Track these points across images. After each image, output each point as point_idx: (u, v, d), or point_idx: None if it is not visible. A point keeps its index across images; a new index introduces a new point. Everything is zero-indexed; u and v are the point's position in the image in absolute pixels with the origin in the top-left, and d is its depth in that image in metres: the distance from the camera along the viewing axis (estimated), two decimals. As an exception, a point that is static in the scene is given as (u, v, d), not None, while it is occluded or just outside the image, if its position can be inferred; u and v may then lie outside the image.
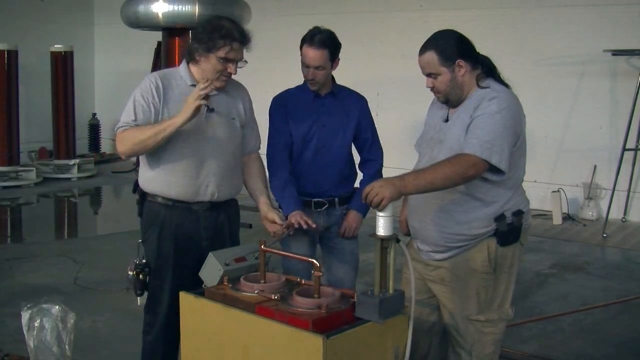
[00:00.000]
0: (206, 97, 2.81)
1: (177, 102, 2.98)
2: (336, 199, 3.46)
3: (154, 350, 3.16)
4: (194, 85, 3.02)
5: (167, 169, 3.00)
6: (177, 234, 3.06)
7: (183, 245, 3.06)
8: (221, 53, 2.94)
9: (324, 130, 3.44)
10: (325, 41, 3.33)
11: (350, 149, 3.54)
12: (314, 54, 3.31)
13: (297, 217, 3.20)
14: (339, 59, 3.42)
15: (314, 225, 3.21)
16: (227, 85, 3.11)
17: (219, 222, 3.13)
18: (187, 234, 3.06)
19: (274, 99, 3.57)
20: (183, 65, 3.10)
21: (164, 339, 3.12)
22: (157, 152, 2.98)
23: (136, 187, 3.19)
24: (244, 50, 3.03)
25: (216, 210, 3.11)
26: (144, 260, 3.08)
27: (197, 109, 2.81)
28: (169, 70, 3.16)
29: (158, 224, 3.07)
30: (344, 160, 3.49)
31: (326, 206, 3.46)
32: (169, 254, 3.06)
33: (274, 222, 3.11)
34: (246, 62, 3.07)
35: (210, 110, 3.02)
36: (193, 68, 3.06)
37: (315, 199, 3.45)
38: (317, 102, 3.47)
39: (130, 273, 3.09)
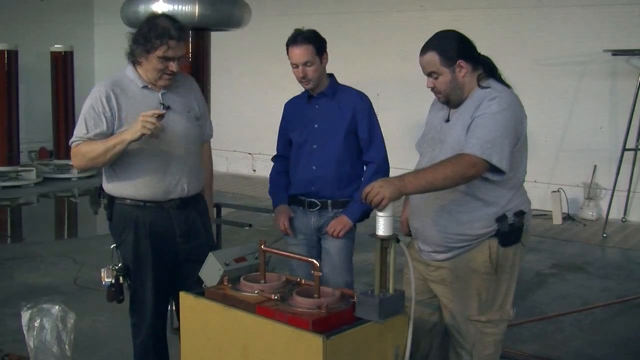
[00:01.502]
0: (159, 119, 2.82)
1: (132, 106, 2.98)
2: (329, 202, 3.46)
3: (145, 351, 3.17)
4: (145, 87, 3.03)
5: (134, 173, 3.00)
6: (152, 233, 3.05)
7: (159, 243, 3.07)
8: (159, 53, 2.93)
9: (316, 131, 3.46)
10: (308, 37, 3.36)
11: (350, 150, 3.47)
12: (299, 51, 3.33)
13: (279, 220, 3.51)
14: (327, 54, 3.42)
15: (289, 233, 3.51)
16: (176, 80, 3.10)
17: (191, 218, 3.14)
18: (162, 232, 3.07)
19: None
20: (129, 68, 3.07)
21: (153, 337, 3.14)
22: (121, 157, 2.96)
23: (101, 191, 3.16)
24: (185, 46, 3.03)
25: (187, 206, 3.12)
26: (120, 264, 3.08)
27: (142, 134, 2.81)
28: (117, 76, 3.09)
29: (132, 226, 3.05)
30: (337, 161, 3.43)
31: (318, 207, 3.47)
32: (147, 253, 3.06)
33: None
34: (187, 57, 3.05)
35: (167, 108, 3.02)
36: (139, 69, 3.04)
37: (309, 199, 3.47)
38: (311, 103, 3.49)
39: (108, 280, 3.07)
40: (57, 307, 2.39)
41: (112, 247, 3.13)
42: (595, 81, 7.90)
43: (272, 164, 3.72)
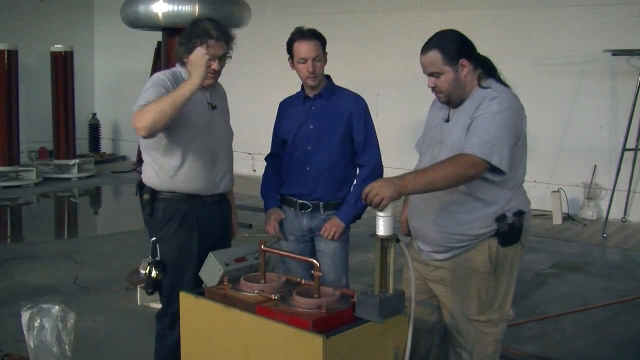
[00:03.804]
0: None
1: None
2: (321, 204, 3.45)
3: (177, 352, 3.08)
4: None
5: (187, 165, 3.09)
6: (197, 227, 3.13)
7: (202, 237, 3.14)
8: None
9: (311, 132, 3.44)
10: (315, 33, 3.38)
11: (345, 152, 3.45)
12: (310, 45, 3.33)
13: (268, 225, 3.51)
14: (327, 54, 3.43)
15: (280, 236, 3.51)
16: (215, 86, 3.26)
17: (225, 212, 3.30)
18: (204, 226, 3.16)
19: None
20: (178, 67, 3.18)
21: None
22: (175, 149, 3.05)
23: (140, 188, 3.20)
24: (227, 46, 3.10)
25: (221, 201, 3.27)
26: (157, 258, 3.10)
27: (208, 66, 2.89)
28: (172, 70, 3.20)
29: (178, 219, 3.11)
30: (331, 163, 3.43)
31: (310, 209, 3.47)
32: (191, 247, 3.11)
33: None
34: (230, 57, 3.17)
35: (214, 107, 3.19)
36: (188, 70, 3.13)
37: (301, 201, 3.47)
38: (307, 104, 3.48)
39: (143, 272, 3.12)
40: (57, 307, 2.39)
41: (152, 240, 3.14)
42: (595, 81, 7.90)
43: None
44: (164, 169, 3.10)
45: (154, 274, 3.08)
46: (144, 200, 3.17)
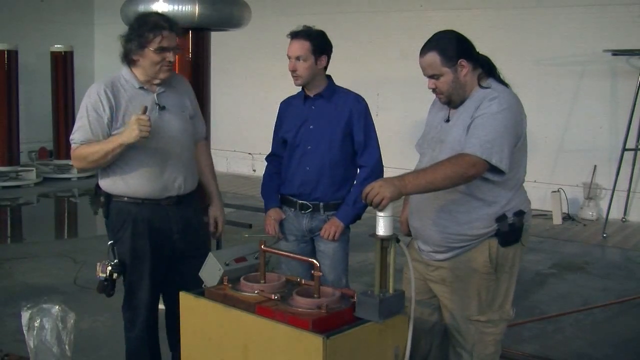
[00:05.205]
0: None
1: (130, 106, 3.03)
2: (321, 204, 3.45)
3: (140, 344, 3.21)
4: (141, 88, 3.08)
5: (132, 172, 3.05)
6: (150, 230, 3.10)
7: (156, 240, 3.12)
8: (154, 45, 2.99)
9: (311, 132, 3.44)
10: (309, 34, 3.35)
11: (345, 152, 3.45)
12: (295, 45, 3.34)
13: (268, 225, 3.51)
14: (326, 57, 3.40)
15: (280, 236, 3.50)
16: (170, 80, 3.17)
17: (187, 215, 3.20)
18: (159, 229, 3.12)
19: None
20: (125, 69, 3.11)
21: (147, 331, 3.19)
22: (119, 156, 3.01)
23: (98, 189, 3.19)
24: (177, 38, 3.07)
25: (183, 203, 3.18)
26: (116, 260, 3.10)
27: (140, 124, 2.86)
28: (113, 77, 3.13)
29: (130, 222, 3.09)
30: (332, 163, 3.42)
31: (310, 210, 3.47)
32: (145, 250, 3.10)
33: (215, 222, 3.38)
34: (179, 48, 3.13)
35: (162, 108, 3.09)
36: (135, 70, 3.09)
37: (301, 201, 3.47)
38: (307, 104, 3.47)
39: (103, 275, 3.10)
40: (57, 307, 2.38)
41: (108, 243, 3.16)
42: (595, 81, 7.90)
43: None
44: (111, 173, 3.09)
45: (114, 276, 3.09)
46: (100, 203, 3.18)
